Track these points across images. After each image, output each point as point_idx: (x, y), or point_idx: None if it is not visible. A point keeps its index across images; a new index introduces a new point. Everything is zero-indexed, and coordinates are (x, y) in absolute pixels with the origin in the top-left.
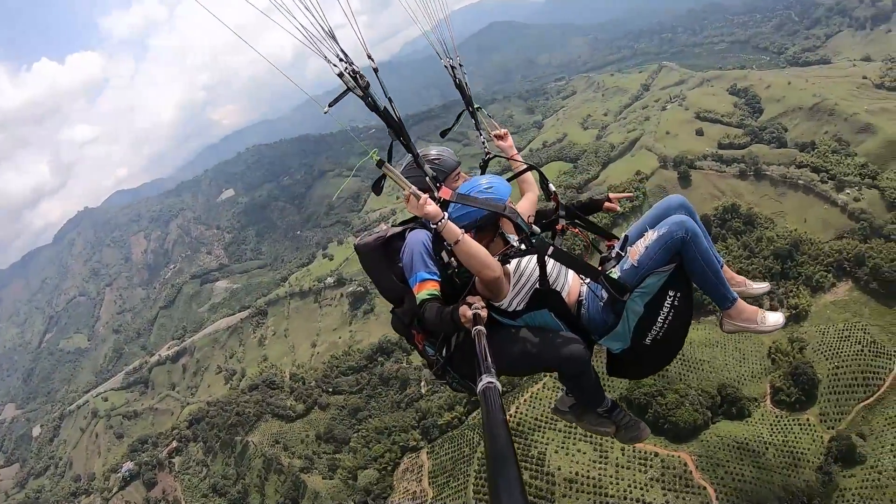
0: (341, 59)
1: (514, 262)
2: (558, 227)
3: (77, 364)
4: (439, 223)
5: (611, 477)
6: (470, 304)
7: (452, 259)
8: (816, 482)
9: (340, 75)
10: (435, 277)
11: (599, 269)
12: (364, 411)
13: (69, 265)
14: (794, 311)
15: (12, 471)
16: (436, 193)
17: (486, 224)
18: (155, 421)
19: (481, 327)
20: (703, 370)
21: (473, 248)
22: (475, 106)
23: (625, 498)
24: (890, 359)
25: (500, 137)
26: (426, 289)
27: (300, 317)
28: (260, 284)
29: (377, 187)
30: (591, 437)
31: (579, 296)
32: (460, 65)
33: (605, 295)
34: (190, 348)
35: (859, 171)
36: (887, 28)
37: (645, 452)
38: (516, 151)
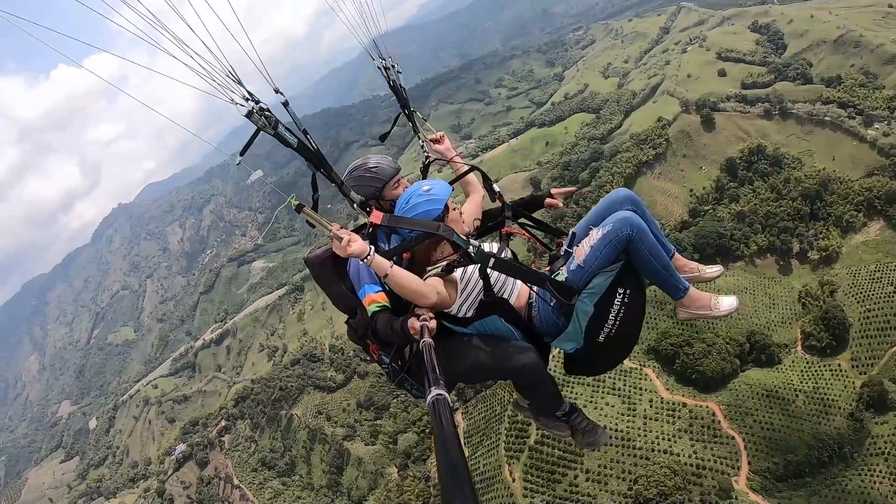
0: (248, 99)
1: (458, 270)
2: (504, 231)
3: (126, 356)
4: (366, 258)
5: (639, 429)
6: (418, 316)
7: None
8: (848, 429)
9: (249, 115)
10: (381, 289)
11: (548, 269)
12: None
13: (109, 261)
14: (824, 254)
15: (73, 464)
16: (367, 219)
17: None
18: (204, 403)
19: (429, 339)
20: (731, 317)
21: (404, 280)
22: (411, 109)
23: (652, 450)
24: None
25: (436, 141)
26: (375, 301)
27: None
28: (295, 261)
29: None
30: (619, 389)
31: (529, 298)
32: (393, 66)
33: (552, 297)
34: (232, 330)
35: (888, 104)
36: None
37: (673, 403)
38: (455, 153)
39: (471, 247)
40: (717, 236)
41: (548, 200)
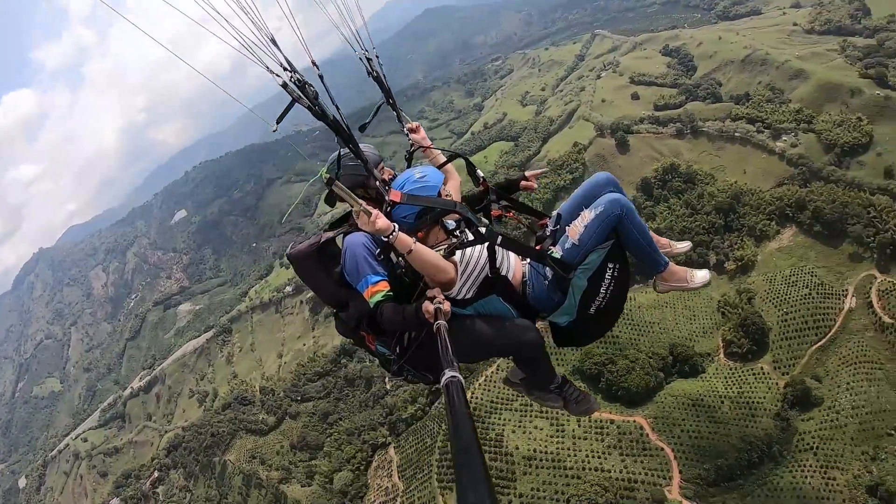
0: (284, 69)
1: (458, 252)
2: (494, 213)
3: (53, 409)
4: (391, 236)
5: (568, 449)
6: (432, 299)
7: (401, 259)
8: (775, 429)
9: (284, 86)
10: (384, 278)
11: (538, 248)
12: (334, 415)
13: (31, 309)
14: (740, 263)
15: None
16: (386, 197)
17: (430, 218)
18: (136, 454)
19: (444, 322)
20: (653, 332)
21: (427, 255)
22: (393, 99)
23: (583, 469)
24: (839, 299)
25: (412, 131)
26: (379, 291)
27: (264, 329)
28: (222, 302)
29: (331, 199)
30: (546, 412)
31: (523, 276)
32: (377, 56)
33: (549, 274)
34: (161, 376)
35: (794, 116)
36: None
37: (601, 421)
38: (431, 143)
39: (482, 226)
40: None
41: (523, 183)
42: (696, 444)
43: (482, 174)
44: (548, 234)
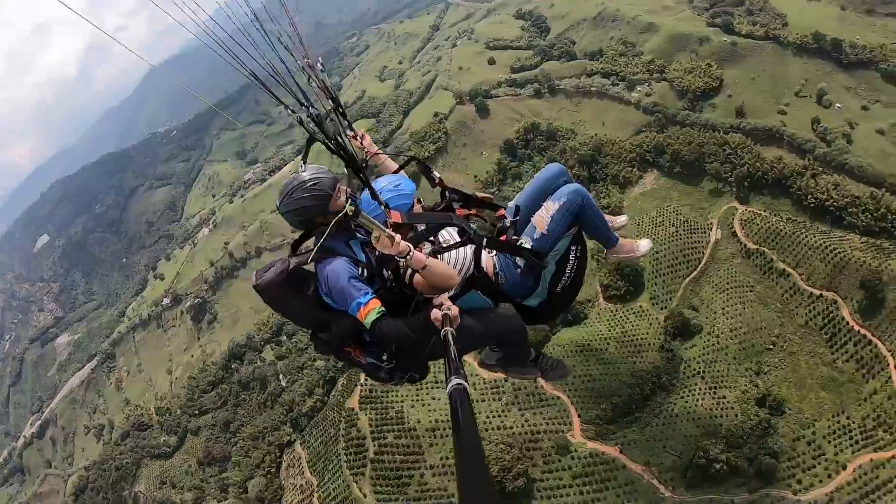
0: (302, 105)
1: (445, 255)
2: (460, 212)
3: None
4: (408, 256)
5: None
6: (439, 306)
7: (389, 273)
8: (661, 361)
9: (301, 122)
10: (373, 296)
11: (511, 241)
12: (235, 422)
13: None
14: (607, 211)
15: None
16: (388, 220)
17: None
18: None
19: (451, 329)
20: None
21: (439, 268)
22: (342, 108)
23: (486, 430)
24: (705, 232)
25: (354, 138)
26: (372, 309)
27: (148, 347)
28: (101, 327)
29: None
30: (440, 382)
31: (494, 268)
32: (321, 63)
33: (520, 263)
34: (52, 418)
35: (647, 67)
36: None
37: (495, 380)
38: (376, 148)
39: (472, 231)
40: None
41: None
42: (590, 387)
43: (438, 175)
44: (508, 224)
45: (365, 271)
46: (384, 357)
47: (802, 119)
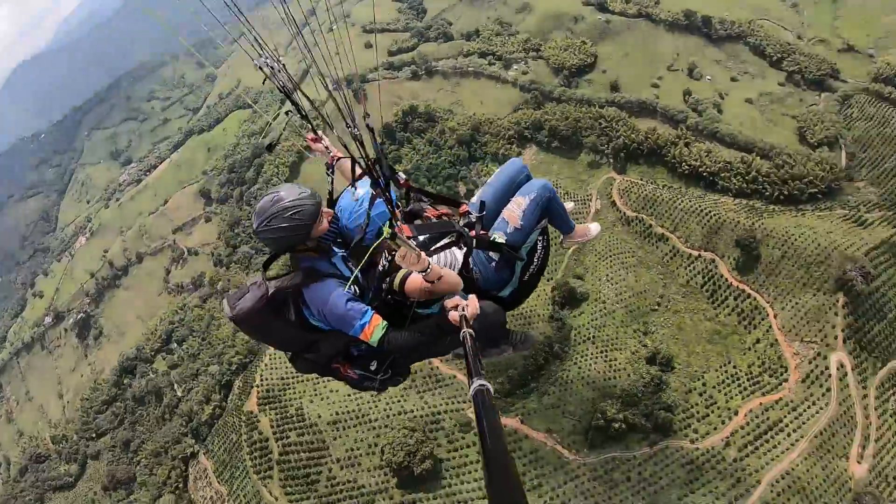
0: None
1: (434, 258)
2: (432, 213)
3: None
4: (428, 270)
5: (368, 403)
6: (455, 307)
7: (386, 285)
8: (552, 330)
9: (367, 170)
10: (373, 312)
11: (486, 236)
12: (135, 440)
13: None
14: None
15: None
16: (399, 234)
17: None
18: None
19: (471, 330)
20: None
21: (451, 277)
22: (305, 112)
23: (388, 416)
24: (585, 203)
25: (315, 140)
26: (377, 326)
27: (35, 372)
28: None
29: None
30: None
31: (470, 265)
32: (282, 64)
33: (495, 258)
34: None
35: (523, 46)
36: None
37: None
38: (336, 149)
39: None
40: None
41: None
42: (484, 363)
43: (403, 175)
44: (475, 220)
45: (354, 287)
46: (373, 367)
47: (675, 92)
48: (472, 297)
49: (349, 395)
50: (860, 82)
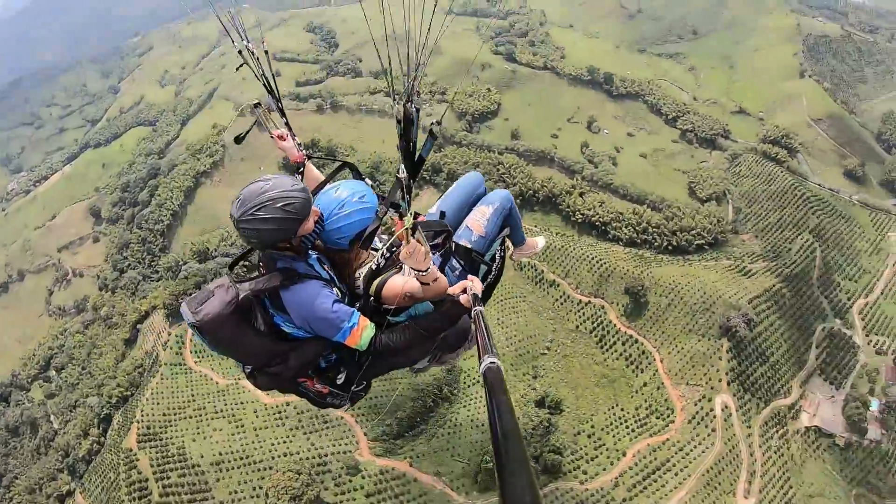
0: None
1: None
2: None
3: None
4: (428, 270)
5: (253, 443)
6: (464, 290)
7: (371, 287)
8: (441, 373)
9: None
10: (359, 313)
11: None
12: (7, 475)
13: None
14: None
15: None
16: (397, 230)
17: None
18: None
19: (482, 307)
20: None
21: (443, 279)
22: (280, 100)
23: (272, 458)
24: None
25: (281, 138)
26: (365, 326)
27: None
28: None
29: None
30: (221, 411)
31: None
32: (266, 51)
33: (457, 266)
34: None
35: (430, 88)
36: None
37: (278, 406)
38: (302, 151)
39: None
40: None
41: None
42: (372, 404)
43: (370, 181)
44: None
45: (336, 290)
46: (339, 380)
47: (573, 143)
48: (475, 277)
49: (233, 435)
50: (749, 143)
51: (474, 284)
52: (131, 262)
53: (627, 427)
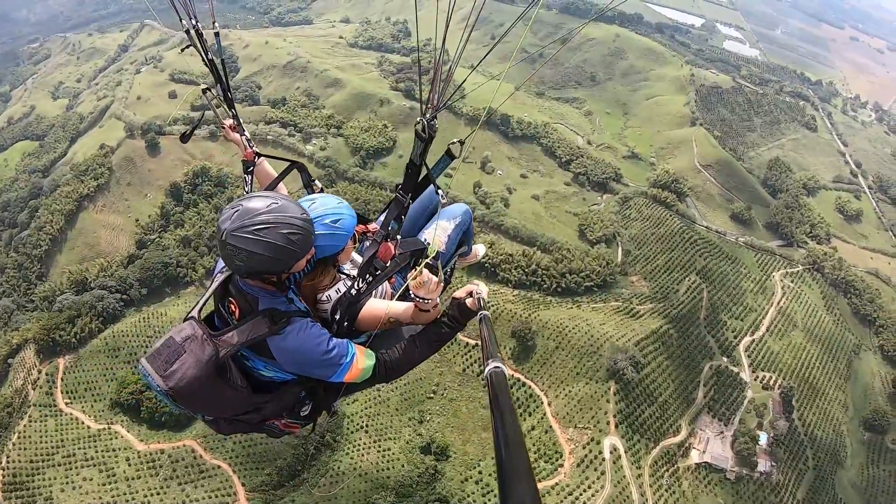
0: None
1: (387, 283)
2: (359, 229)
3: None
4: (430, 300)
5: (125, 494)
6: (470, 294)
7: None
8: (323, 418)
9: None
10: (352, 342)
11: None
12: None
13: None
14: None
15: None
16: (433, 260)
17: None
18: None
19: (487, 311)
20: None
21: (437, 305)
22: (229, 87)
23: None
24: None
25: (232, 129)
26: (363, 356)
27: None
28: None
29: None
30: (93, 458)
31: (392, 289)
32: (216, 33)
33: None
34: None
35: (326, 121)
36: None
37: (151, 454)
38: (253, 148)
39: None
40: (162, 266)
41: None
42: (251, 452)
43: (320, 185)
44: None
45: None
46: (304, 413)
47: (466, 183)
48: (479, 281)
49: (104, 485)
50: (640, 186)
51: (480, 288)
52: (6, 288)
53: None
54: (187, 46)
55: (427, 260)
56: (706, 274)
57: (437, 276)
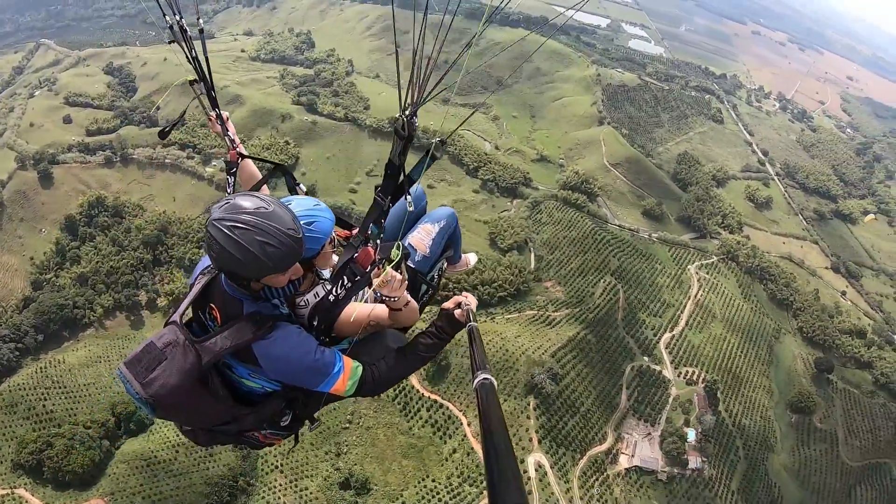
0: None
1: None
2: (341, 234)
3: None
4: (400, 297)
5: None
6: (458, 305)
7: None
8: (236, 461)
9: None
10: (340, 352)
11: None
12: None
13: None
14: (171, 297)
15: None
16: (404, 258)
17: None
18: None
19: (476, 323)
20: (90, 396)
21: (413, 304)
22: (212, 83)
23: None
24: None
25: (211, 120)
26: (351, 367)
27: None
28: None
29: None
30: None
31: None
32: (201, 29)
33: None
34: None
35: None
36: (272, 5)
37: None
38: (236, 149)
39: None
40: (58, 309)
41: None
42: (159, 499)
43: (304, 188)
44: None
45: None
46: (284, 423)
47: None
48: (468, 294)
49: None
50: (551, 189)
51: (469, 299)
52: None
53: (440, 499)
54: (171, 42)
55: (393, 257)
56: (621, 273)
57: (401, 274)
